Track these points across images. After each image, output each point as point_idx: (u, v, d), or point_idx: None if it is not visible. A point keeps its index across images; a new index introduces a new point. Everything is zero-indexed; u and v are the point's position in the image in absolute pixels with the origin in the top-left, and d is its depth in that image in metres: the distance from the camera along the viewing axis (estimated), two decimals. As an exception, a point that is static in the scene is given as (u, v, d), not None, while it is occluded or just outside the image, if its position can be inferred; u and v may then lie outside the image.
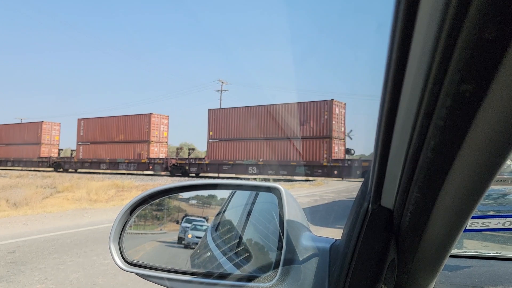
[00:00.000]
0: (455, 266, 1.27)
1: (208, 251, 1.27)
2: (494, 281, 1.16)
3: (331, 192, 20.69)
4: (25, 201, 14.34)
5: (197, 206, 1.32)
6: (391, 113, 0.51)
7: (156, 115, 40.15)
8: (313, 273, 0.85)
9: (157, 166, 36.75)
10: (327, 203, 14.92)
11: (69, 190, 19.51)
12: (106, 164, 40.97)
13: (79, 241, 7.87)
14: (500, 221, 1.28)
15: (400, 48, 0.43)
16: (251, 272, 0.99)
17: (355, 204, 0.77)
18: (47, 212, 12.15)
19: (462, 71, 0.38)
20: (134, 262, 1.07)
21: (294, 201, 0.97)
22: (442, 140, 0.46)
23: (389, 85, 0.48)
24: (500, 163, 0.48)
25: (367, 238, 0.70)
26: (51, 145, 47.28)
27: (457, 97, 0.40)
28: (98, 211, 12.85)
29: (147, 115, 39.96)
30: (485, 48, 0.36)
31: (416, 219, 0.62)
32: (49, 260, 6.23)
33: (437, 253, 0.71)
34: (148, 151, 38.68)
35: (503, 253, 1.46)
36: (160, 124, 40.42)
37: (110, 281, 5.17)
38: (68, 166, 44.04)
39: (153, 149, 39.14)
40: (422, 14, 0.38)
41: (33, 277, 5.31)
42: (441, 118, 0.44)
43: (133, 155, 39.64)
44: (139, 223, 1.19)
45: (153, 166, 37.19)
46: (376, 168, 0.62)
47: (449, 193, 0.54)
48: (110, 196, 17.55)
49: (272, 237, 1.00)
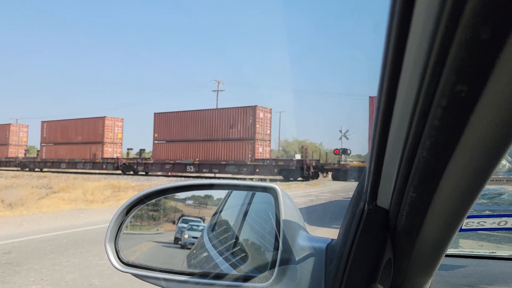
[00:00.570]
0: (451, 266, 1.27)
1: (205, 251, 1.27)
2: (489, 281, 1.17)
3: (327, 192, 20.73)
4: (21, 202, 14.27)
5: (193, 206, 1.31)
6: (387, 113, 0.51)
7: (110, 118, 44.08)
8: (309, 273, 0.86)
9: (110, 165, 40.47)
10: (323, 203, 14.94)
11: (65, 190, 19.45)
12: (65, 164, 44.57)
13: (75, 241, 7.84)
14: (496, 221, 1.29)
15: (396, 48, 0.43)
16: (248, 272, 0.99)
17: (351, 204, 0.77)
18: (43, 213, 12.10)
19: (457, 71, 0.38)
20: (130, 262, 1.07)
21: (290, 201, 0.97)
22: (437, 140, 0.46)
23: (385, 85, 0.48)
24: (496, 163, 0.48)
25: (363, 238, 0.70)
26: (19, 146, 51.41)
27: (453, 97, 0.40)
28: (94, 211, 12.81)
29: (101, 118, 43.78)
30: (481, 48, 0.36)
31: (412, 219, 0.62)
32: (45, 261, 6.20)
33: (433, 252, 0.72)
34: (102, 152, 42.56)
35: (498, 252, 1.46)
36: (115, 126, 44.43)
37: (106, 281, 5.15)
38: (32, 166, 47.07)
39: (107, 149, 43.18)
40: (418, 14, 0.38)
41: (29, 278, 5.29)
42: (437, 118, 0.44)
43: (89, 155, 43.50)
44: (135, 223, 1.18)
45: (106, 165, 40.84)
46: (372, 168, 0.62)
47: (444, 192, 0.54)
48: (106, 197, 17.50)
49: (268, 237, 1.00)
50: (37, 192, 17.97)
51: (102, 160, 41.27)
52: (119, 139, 44.67)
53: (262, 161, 32.81)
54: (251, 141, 33.66)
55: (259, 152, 34.01)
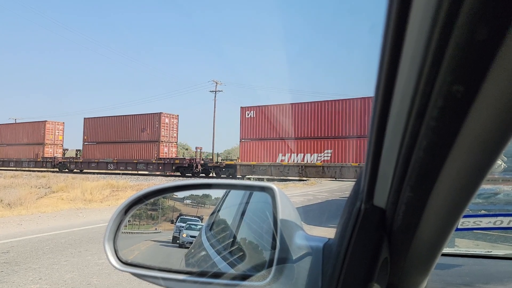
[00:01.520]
0: (447, 265, 1.28)
1: (203, 250, 1.27)
2: (485, 280, 1.17)
3: (324, 191, 20.72)
4: (20, 201, 14.25)
5: (191, 205, 1.32)
6: (384, 113, 0.51)
7: (50, 122, 49.97)
8: (306, 272, 0.86)
9: (48, 163, 47.07)
10: (320, 202, 14.95)
11: (63, 190, 19.42)
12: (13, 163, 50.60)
13: (73, 241, 7.83)
14: (491, 220, 1.29)
15: (393, 49, 0.43)
16: (245, 271, 0.99)
17: (348, 203, 0.77)
18: (42, 212, 12.08)
19: (453, 71, 0.39)
20: (128, 261, 1.07)
21: (287, 201, 0.98)
22: (434, 140, 0.47)
23: (381, 85, 0.48)
24: (491, 163, 0.49)
25: (360, 237, 0.70)
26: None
27: (449, 97, 0.41)
28: (93, 211, 12.79)
29: (42, 122, 49.67)
30: (476, 49, 0.36)
31: (409, 218, 0.62)
32: (44, 260, 6.20)
33: (429, 251, 0.72)
34: (43, 152, 48.42)
35: (494, 251, 1.47)
36: (55, 129, 50.31)
37: (105, 280, 5.15)
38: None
39: (48, 150, 48.87)
40: (414, 16, 0.39)
41: (27, 277, 5.28)
42: (433, 118, 0.44)
43: (33, 155, 49.20)
44: (134, 222, 1.19)
45: (45, 164, 47.24)
46: (369, 167, 0.62)
47: (441, 192, 0.54)
48: (105, 196, 17.49)
49: (266, 236, 1.00)
50: (36, 192, 17.95)
51: (42, 159, 47.35)
52: (60, 140, 50.62)
53: (163, 159, 39.05)
54: (156, 143, 40.60)
55: (164, 152, 40.55)
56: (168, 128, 41.63)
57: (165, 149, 40.86)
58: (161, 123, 40.88)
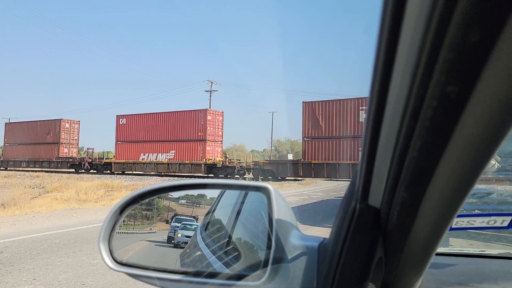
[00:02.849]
0: (441, 264, 1.28)
1: (198, 250, 1.27)
2: (479, 279, 1.18)
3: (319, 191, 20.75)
4: (13, 202, 14.15)
5: (186, 205, 1.32)
6: (378, 113, 0.51)
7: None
8: (301, 271, 0.86)
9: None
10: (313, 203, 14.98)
11: (57, 190, 19.32)
12: None
13: (68, 241, 7.79)
14: (485, 220, 1.30)
15: (387, 49, 0.44)
16: (241, 271, 0.99)
17: (343, 203, 0.77)
18: (36, 212, 12.01)
19: (447, 72, 0.39)
20: (123, 261, 1.07)
21: (283, 201, 0.98)
22: (428, 140, 0.47)
23: (376, 85, 0.48)
24: (485, 163, 0.49)
25: (354, 237, 0.70)
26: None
27: (443, 98, 0.41)
28: (87, 211, 12.74)
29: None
30: (470, 50, 0.37)
31: (403, 218, 0.63)
32: (38, 261, 6.16)
33: (423, 251, 0.72)
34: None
35: (488, 251, 1.48)
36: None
37: (99, 281, 5.13)
38: None
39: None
40: (409, 17, 0.39)
41: (21, 278, 5.25)
42: (427, 119, 0.44)
43: None
44: (128, 222, 1.18)
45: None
46: (364, 167, 0.62)
47: (435, 192, 0.55)
48: (100, 196, 17.41)
49: (261, 236, 1.00)
50: (29, 192, 17.84)
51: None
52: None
53: (61, 158, 45.84)
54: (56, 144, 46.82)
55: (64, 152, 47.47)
56: (69, 131, 49.01)
57: (65, 150, 48.05)
58: (61, 128, 47.89)
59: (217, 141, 40.24)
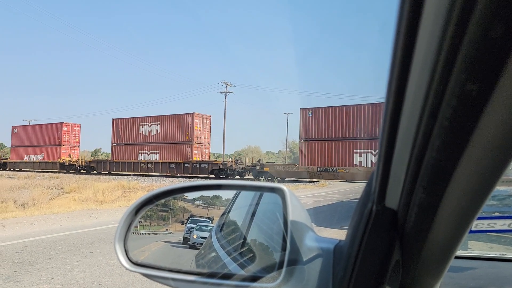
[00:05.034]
0: (460, 268, 1.26)
1: (213, 251, 1.27)
2: (499, 283, 1.15)
3: (335, 192, 20.63)
4: (33, 202, 14.46)
5: (202, 206, 1.32)
6: (395, 113, 0.51)
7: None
8: (317, 273, 0.85)
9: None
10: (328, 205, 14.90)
11: (75, 191, 19.64)
12: None
13: (85, 241, 7.91)
14: (506, 222, 1.27)
15: (404, 47, 0.43)
16: (255, 273, 0.99)
17: (359, 205, 0.76)
18: (54, 213, 12.23)
19: (467, 70, 0.38)
20: (139, 262, 1.07)
21: (297, 202, 0.97)
22: (447, 140, 0.46)
23: (393, 84, 0.48)
24: (507, 163, 0.48)
25: (371, 239, 0.69)
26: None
27: (463, 96, 0.40)
28: (105, 211, 12.91)
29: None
30: (491, 47, 0.36)
31: (421, 220, 0.62)
32: (56, 260, 6.27)
33: (442, 254, 0.71)
34: None
35: (508, 254, 1.45)
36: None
37: (116, 281, 5.19)
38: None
39: None
40: (427, 14, 0.38)
41: (40, 277, 5.35)
42: (447, 118, 0.43)
43: None
44: (145, 223, 1.19)
45: None
46: (381, 168, 0.61)
47: (454, 193, 0.53)
48: (116, 197, 17.64)
49: (276, 237, 1.00)
50: (48, 193, 18.17)
51: None
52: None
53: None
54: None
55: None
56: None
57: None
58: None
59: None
